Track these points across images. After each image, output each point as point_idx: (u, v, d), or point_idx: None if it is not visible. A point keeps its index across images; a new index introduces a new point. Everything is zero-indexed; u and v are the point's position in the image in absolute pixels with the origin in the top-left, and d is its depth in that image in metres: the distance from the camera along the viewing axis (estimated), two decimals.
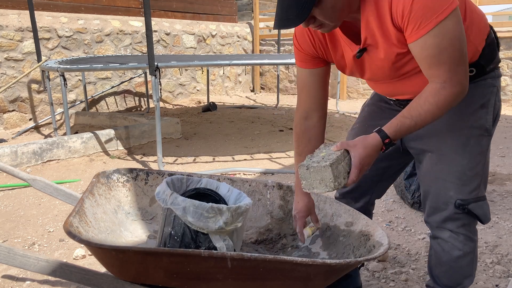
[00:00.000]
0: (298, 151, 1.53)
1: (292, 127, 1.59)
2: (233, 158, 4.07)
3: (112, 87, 6.22)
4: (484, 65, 1.35)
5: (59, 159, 3.90)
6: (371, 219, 1.62)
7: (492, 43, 1.36)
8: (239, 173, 3.57)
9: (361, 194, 1.66)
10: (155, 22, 6.70)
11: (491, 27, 1.39)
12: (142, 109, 6.64)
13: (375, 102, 1.61)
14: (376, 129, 1.24)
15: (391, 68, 1.31)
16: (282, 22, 1.17)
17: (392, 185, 3.14)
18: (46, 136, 5.01)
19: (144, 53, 6.41)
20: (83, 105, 5.89)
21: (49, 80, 4.70)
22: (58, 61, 4.68)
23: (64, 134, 4.74)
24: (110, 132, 4.29)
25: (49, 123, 5.46)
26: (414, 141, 1.47)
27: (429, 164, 1.43)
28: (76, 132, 4.72)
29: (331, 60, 1.44)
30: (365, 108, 1.66)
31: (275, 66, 7.99)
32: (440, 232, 1.45)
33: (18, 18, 5.26)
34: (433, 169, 1.42)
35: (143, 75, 6.51)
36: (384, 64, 1.31)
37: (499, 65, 1.42)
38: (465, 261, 1.46)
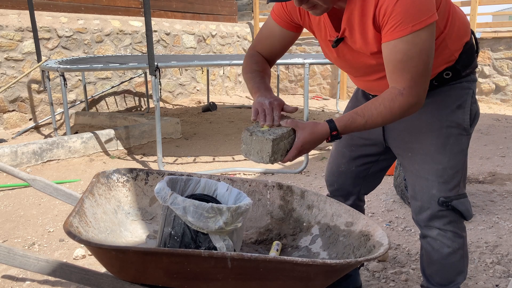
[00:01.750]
0: (250, 70, 1.50)
1: None
2: (233, 158, 4.07)
3: (112, 87, 6.22)
4: (460, 69, 1.38)
5: (59, 159, 3.90)
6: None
7: (470, 49, 1.39)
8: (239, 173, 3.57)
9: (348, 191, 1.69)
10: (155, 22, 6.70)
11: (472, 33, 1.42)
12: (142, 109, 6.64)
13: (358, 98, 1.63)
14: (328, 119, 1.28)
15: (365, 65, 1.35)
16: None
17: (392, 185, 3.14)
18: (46, 136, 5.01)
19: (144, 53, 6.41)
20: (83, 105, 5.89)
21: (49, 80, 4.69)
22: (58, 61, 4.68)
23: (64, 134, 4.74)
24: (110, 132, 4.29)
25: (49, 123, 5.46)
26: (395, 141, 1.50)
27: (411, 164, 1.46)
28: (76, 132, 4.72)
29: (311, 31, 1.46)
30: (349, 105, 1.69)
31: (275, 66, 7.99)
32: (428, 230, 1.48)
33: (18, 18, 5.26)
34: (415, 168, 1.45)
35: (143, 75, 6.51)
36: (357, 59, 1.35)
37: (475, 70, 1.45)
38: (455, 257, 1.48)
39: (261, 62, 1.52)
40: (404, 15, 1.14)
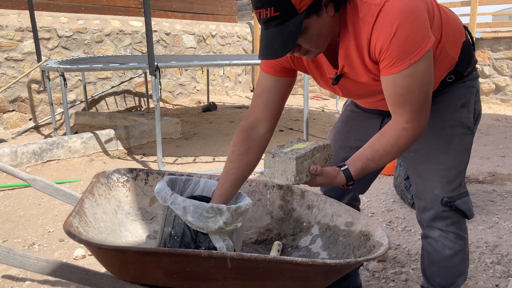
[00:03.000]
0: (230, 158, 1.43)
1: (292, 127, 1.59)
2: None
3: (112, 87, 6.22)
4: (461, 71, 1.37)
5: (59, 159, 3.90)
6: None
7: (467, 48, 1.38)
8: None
9: (344, 191, 1.67)
10: (155, 22, 6.70)
11: (466, 28, 1.41)
12: (142, 109, 6.64)
13: (357, 103, 1.62)
14: (343, 168, 1.27)
15: (369, 91, 1.33)
16: (267, 52, 1.15)
17: (392, 185, 3.14)
18: (46, 136, 5.01)
19: (144, 53, 6.41)
20: (83, 105, 5.89)
21: (49, 80, 4.70)
22: (58, 61, 4.68)
23: (64, 134, 4.74)
24: (110, 132, 4.29)
25: (49, 123, 5.46)
26: None
27: (414, 164, 1.46)
28: (76, 132, 4.72)
29: (306, 73, 1.42)
30: (347, 108, 1.67)
31: None
32: (430, 231, 1.47)
33: (18, 18, 5.26)
34: (418, 168, 1.45)
35: (143, 75, 6.51)
36: (362, 88, 1.33)
37: (476, 66, 1.44)
38: (456, 259, 1.48)
39: (253, 149, 1.43)
40: (400, 50, 1.12)
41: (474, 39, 1.46)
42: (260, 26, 1.19)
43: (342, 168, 1.28)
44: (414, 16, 1.12)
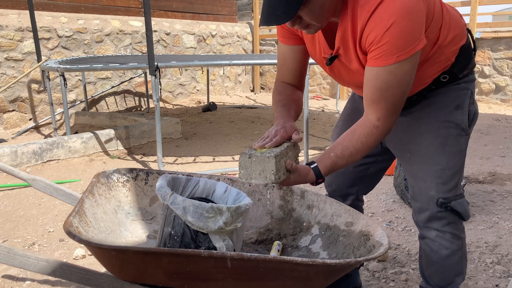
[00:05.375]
0: (279, 99, 1.51)
1: None
2: (233, 158, 4.06)
3: (112, 87, 6.22)
4: (456, 72, 1.38)
5: (59, 159, 3.91)
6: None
7: (467, 50, 1.39)
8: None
9: (347, 191, 1.69)
10: (155, 22, 6.70)
11: (469, 31, 1.41)
12: (142, 109, 6.64)
13: (356, 99, 1.64)
14: (313, 166, 1.31)
15: (358, 81, 1.34)
16: (269, 18, 1.17)
17: (392, 185, 3.14)
18: (46, 136, 5.01)
19: (144, 53, 6.41)
20: (83, 105, 5.89)
21: (49, 80, 4.70)
22: (58, 61, 4.68)
23: (64, 134, 4.74)
24: (110, 132, 4.29)
25: (49, 123, 5.46)
26: (393, 142, 1.50)
27: (409, 165, 1.46)
28: (76, 132, 4.72)
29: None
30: (347, 106, 1.69)
31: (275, 66, 7.99)
32: (427, 232, 1.48)
33: (18, 18, 5.26)
34: (413, 169, 1.45)
35: (143, 75, 6.51)
36: (351, 76, 1.35)
37: (474, 70, 1.45)
38: (454, 259, 1.48)
39: (284, 91, 1.52)
40: (391, 46, 1.14)
41: (475, 43, 1.46)
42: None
43: (312, 166, 1.31)
44: (412, 15, 1.13)
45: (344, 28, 1.23)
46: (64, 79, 4.08)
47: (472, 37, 1.42)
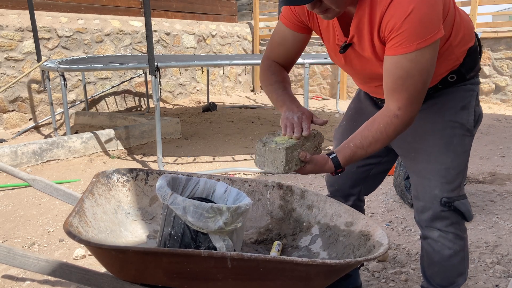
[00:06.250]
0: (272, 78, 1.49)
1: None
2: (233, 158, 4.06)
3: (112, 87, 6.22)
4: (464, 73, 1.38)
5: (59, 159, 3.90)
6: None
7: (474, 52, 1.39)
8: (239, 173, 3.57)
9: (349, 192, 1.69)
10: (155, 22, 6.70)
11: (476, 35, 1.42)
12: (142, 109, 6.64)
13: (361, 99, 1.63)
14: (332, 156, 1.29)
15: (372, 73, 1.34)
16: None
17: (392, 185, 3.14)
18: (46, 136, 5.01)
19: (144, 53, 6.41)
20: (83, 105, 5.89)
21: (49, 80, 4.70)
22: (58, 61, 4.68)
23: (64, 134, 4.74)
24: (110, 132, 4.29)
25: (49, 123, 5.46)
26: (397, 141, 1.50)
27: (414, 164, 1.46)
28: (76, 132, 4.72)
29: (318, 34, 1.46)
30: (351, 105, 1.68)
31: None
32: (429, 231, 1.47)
33: (18, 18, 5.26)
34: (418, 168, 1.45)
35: (143, 75, 6.51)
36: (365, 66, 1.34)
37: (479, 73, 1.46)
38: (456, 259, 1.48)
39: (278, 72, 1.49)
40: (411, 33, 1.13)
41: (481, 47, 1.47)
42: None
43: (331, 156, 1.29)
44: (431, 3, 1.13)
45: (360, 17, 1.23)
46: (64, 79, 4.08)
47: (479, 41, 1.43)
